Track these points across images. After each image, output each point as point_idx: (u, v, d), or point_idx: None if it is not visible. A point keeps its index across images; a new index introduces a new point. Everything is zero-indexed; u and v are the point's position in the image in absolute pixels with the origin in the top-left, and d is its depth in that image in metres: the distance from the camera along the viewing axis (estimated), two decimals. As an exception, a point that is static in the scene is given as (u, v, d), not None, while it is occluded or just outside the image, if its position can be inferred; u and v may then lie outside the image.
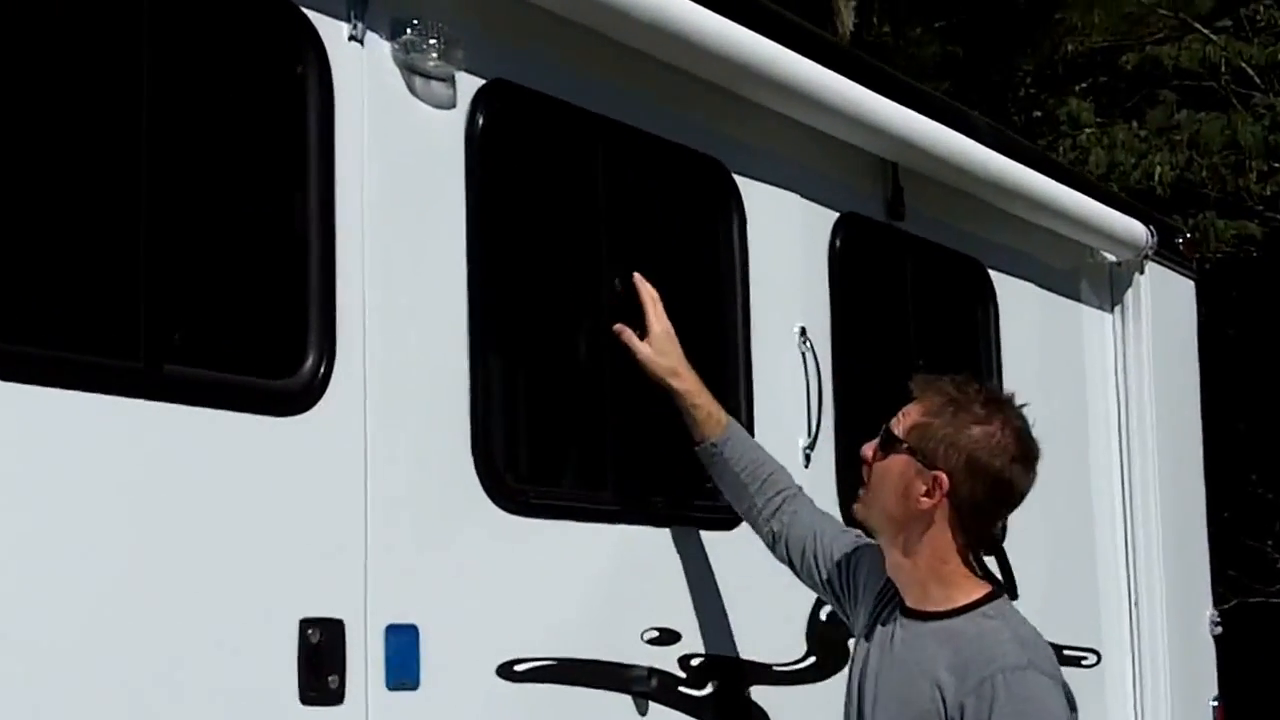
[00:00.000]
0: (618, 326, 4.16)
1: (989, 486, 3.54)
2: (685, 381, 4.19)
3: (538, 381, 4.30)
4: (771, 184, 4.85)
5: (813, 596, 4.65)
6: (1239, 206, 13.46)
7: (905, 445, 3.58)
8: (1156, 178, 12.95)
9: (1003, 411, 3.58)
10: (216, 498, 3.20)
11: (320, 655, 3.32)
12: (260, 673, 3.24)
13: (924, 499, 3.54)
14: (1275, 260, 13.76)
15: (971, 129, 5.64)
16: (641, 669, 4.16)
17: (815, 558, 4.08)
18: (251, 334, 3.44)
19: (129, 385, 3.06)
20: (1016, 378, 5.94)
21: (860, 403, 5.03)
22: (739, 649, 4.48)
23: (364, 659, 3.43)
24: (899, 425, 3.61)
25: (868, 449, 3.68)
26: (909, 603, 3.63)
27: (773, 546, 4.21)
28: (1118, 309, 6.78)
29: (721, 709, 4.41)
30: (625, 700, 4.12)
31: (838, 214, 5.14)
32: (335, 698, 3.36)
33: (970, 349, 5.90)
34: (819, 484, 4.76)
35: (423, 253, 3.71)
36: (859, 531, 4.03)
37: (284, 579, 3.30)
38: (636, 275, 4.21)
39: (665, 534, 4.33)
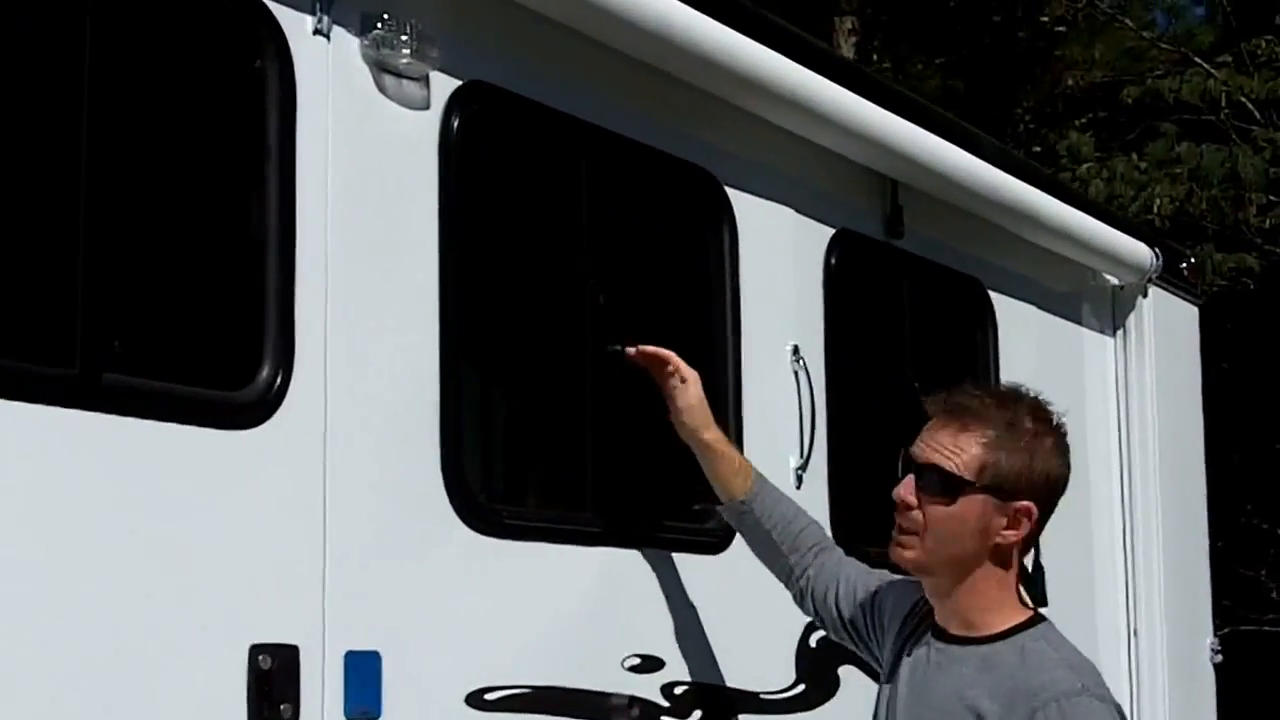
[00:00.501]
0: (664, 377, 3.82)
1: (1055, 495, 3.29)
2: (714, 436, 3.87)
3: (515, 397, 4.00)
4: (765, 198, 4.54)
5: (803, 622, 4.34)
6: (1237, 239, 13.16)
7: (979, 485, 3.19)
8: (1156, 210, 12.63)
9: (1050, 420, 3.26)
10: (160, 515, 2.89)
11: (272, 683, 3.00)
12: (207, 702, 2.93)
13: (1008, 532, 3.22)
14: (1272, 293, 13.47)
15: (974, 146, 5.32)
16: (622, 698, 3.84)
17: (839, 604, 3.73)
18: (202, 342, 3.13)
19: (62, 394, 2.74)
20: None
21: (855, 423, 4.72)
22: (725, 677, 4.16)
23: (321, 687, 3.11)
24: (957, 464, 3.20)
25: (908, 494, 3.25)
26: (951, 630, 3.27)
27: (800, 602, 3.87)
28: (1120, 333, 6.46)
29: (707, 740, 4.09)
30: (605, 730, 3.81)
31: (833, 230, 4.83)
32: (288, 729, 3.04)
33: (968, 371, 5.58)
34: (812, 505, 4.41)
35: (391, 260, 3.39)
36: (884, 571, 3.69)
37: (233, 603, 2.98)
38: (639, 347, 3.86)
39: (649, 557, 4.00)
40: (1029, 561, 3.37)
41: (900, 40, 16.95)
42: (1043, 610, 3.34)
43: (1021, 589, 3.29)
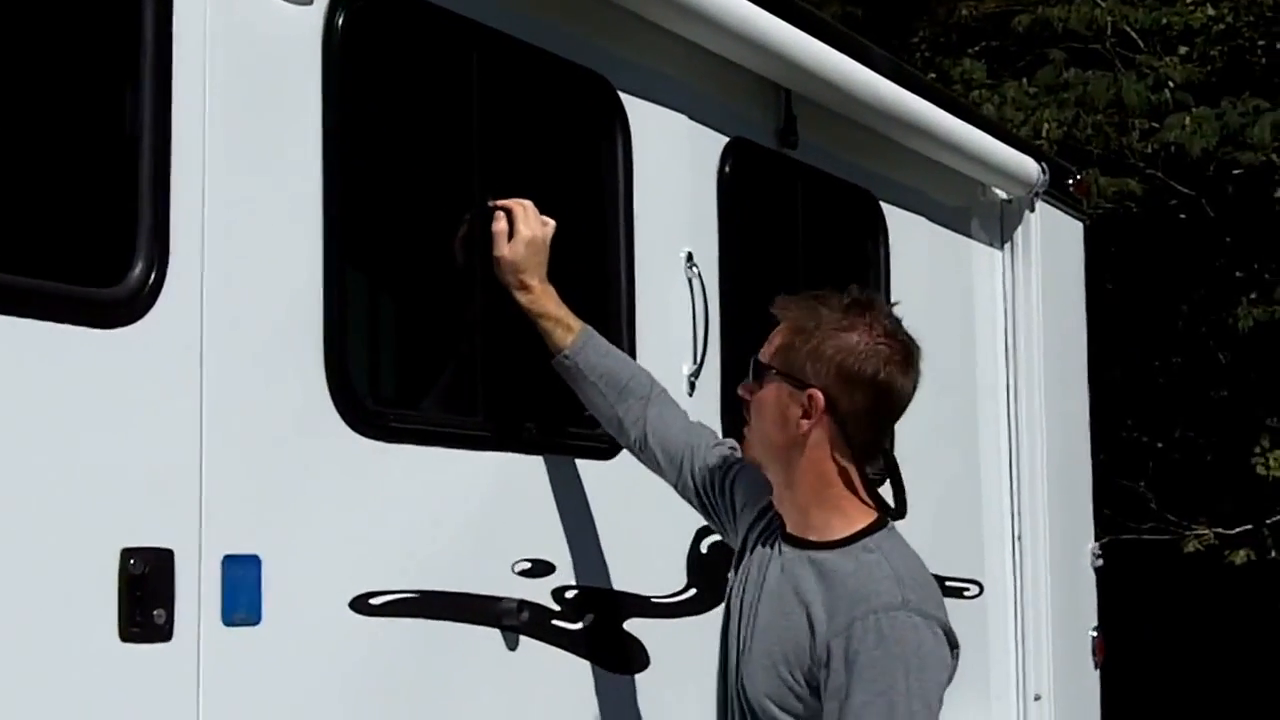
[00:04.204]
0: (499, 225, 3.63)
1: (867, 394, 3.08)
2: (533, 294, 3.67)
3: (403, 299, 3.78)
4: (659, 104, 4.32)
5: (694, 528, 4.19)
6: (1121, 164, 13.09)
7: (774, 370, 3.14)
8: (1044, 134, 12.52)
9: (868, 314, 3.13)
10: (23, 415, 2.66)
11: (144, 587, 2.79)
12: (73, 607, 2.71)
13: (803, 421, 3.09)
14: (1153, 216, 13.43)
15: (867, 59, 5.13)
16: (511, 602, 3.65)
17: (691, 471, 3.60)
18: (68, 237, 2.90)
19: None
20: (905, 311, 5.45)
21: (747, 330, 4.53)
22: (616, 581, 3.99)
23: (197, 592, 2.90)
24: (766, 352, 3.17)
25: (743, 390, 3.22)
26: (790, 529, 3.18)
27: (639, 455, 3.73)
28: (1008, 246, 6.33)
29: (597, 642, 3.93)
30: (494, 634, 3.63)
31: (727, 139, 4.63)
32: (162, 634, 2.83)
33: (859, 281, 5.38)
34: (704, 411, 4.28)
35: (272, 157, 3.16)
36: (734, 443, 3.60)
37: (103, 506, 2.76)
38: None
39: (540, 462, 3.83)
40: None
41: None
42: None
43: (864, 494, 3.14)
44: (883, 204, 5.51)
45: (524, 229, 3.65)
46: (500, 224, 3.65)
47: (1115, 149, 13.02)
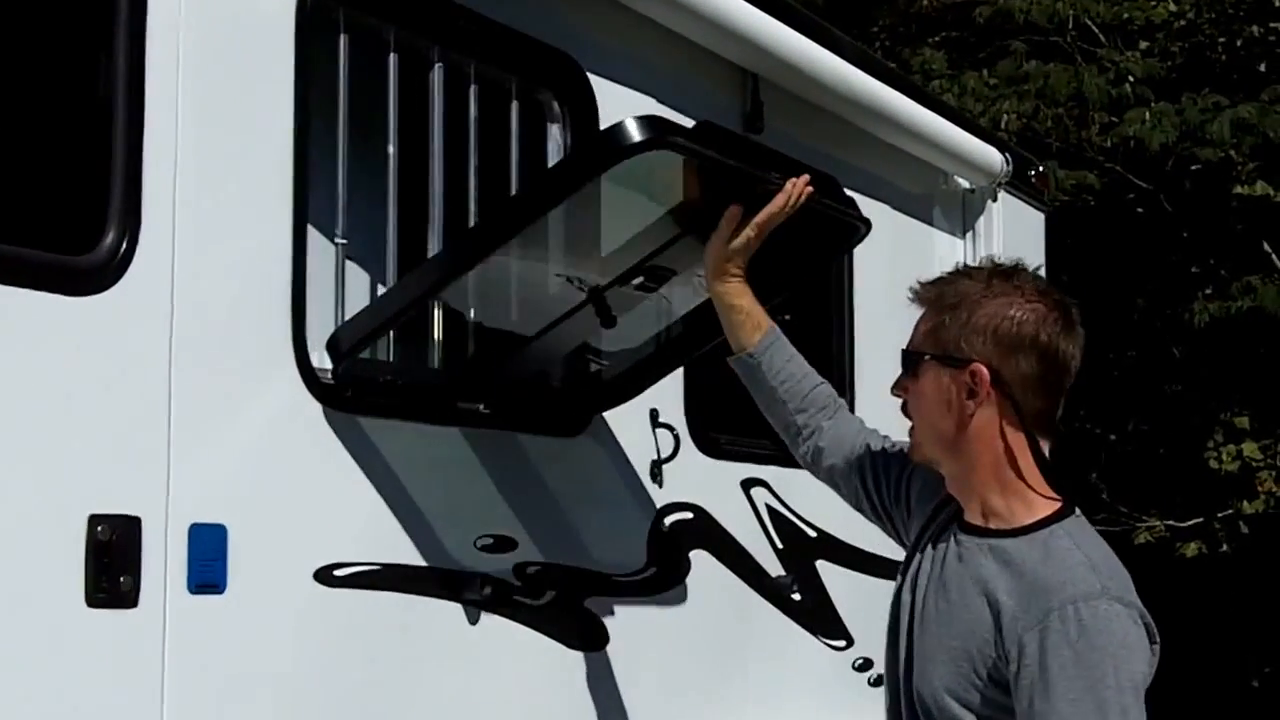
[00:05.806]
0: (733, 210, 3.44)
1: (1031, 358, 2.90)
2: (739, 285, 3.42)
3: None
4: (626, 85, 4.34)
5: (656, 507, 4.23)
6: (1080, 157, 13.17)
7: (927, 356, 2.95)
8: (1003, 125, 12.58)
9: (1014, 278, 2.95)
10: (-6, 380, 2.68)
11: (111, 554, 2.82)
12: (40, 572, 2.74)
13: (969, 401, 2.90)
14: (1111, 210, 13.54)
15: (835, 45, 5.17)
16: (474, 576, 3.69)
17: (864, 476, 3.35)
18: (41, 205, 2.92)
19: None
20: (867, 299, 5.55)
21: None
22: (578, 558, 4.03)
23: (163, 559, 2.93)
24: (913, 341, 3.00)
25: (897, 390, 3.03)
26: (969, 518, 2.96)
27: (811, 466, 3.45)
28: (969, 235, 6.37)
29: (558, 618, 3.96)
30: (455, 608, 3.66)
31: (694, 122, 4.65)
32: (128, 600, 2.86)
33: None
34: (667, 391, 4.32)
35: (244, 125, 3.19)
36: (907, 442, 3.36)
37: (71, 472, 2.80)
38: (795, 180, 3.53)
39: (504, 438, 3.86)
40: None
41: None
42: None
43: (1045, 474, 2.93)
44: (847, 191, 5.53)
45: (762, 226, 3.43)
46: (733, 213, 3.43)
47: (1074, 142, 13.09)
